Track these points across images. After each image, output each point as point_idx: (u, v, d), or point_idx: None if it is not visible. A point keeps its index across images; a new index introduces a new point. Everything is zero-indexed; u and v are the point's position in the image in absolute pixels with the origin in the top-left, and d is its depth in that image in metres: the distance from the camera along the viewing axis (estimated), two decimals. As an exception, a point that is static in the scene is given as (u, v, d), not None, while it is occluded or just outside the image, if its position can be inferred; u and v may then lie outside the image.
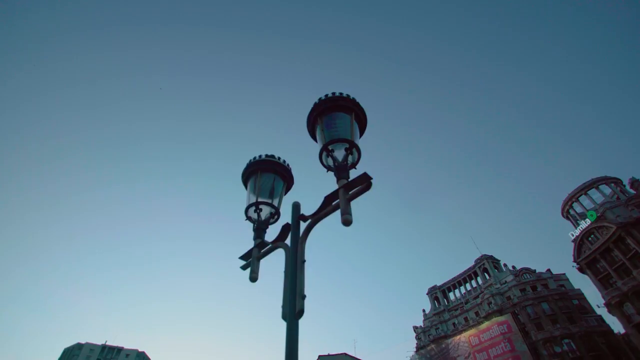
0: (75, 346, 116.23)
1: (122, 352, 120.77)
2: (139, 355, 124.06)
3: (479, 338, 66.41)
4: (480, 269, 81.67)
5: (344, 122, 3.06)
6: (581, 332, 54.81)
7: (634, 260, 45.26)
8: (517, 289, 66.69)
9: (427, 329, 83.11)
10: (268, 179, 3.52)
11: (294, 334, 2.02)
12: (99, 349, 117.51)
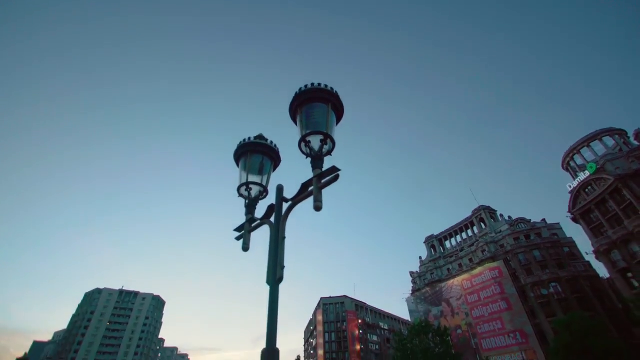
0: (95, 291, 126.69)
1: (138, 296, 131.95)
2: (154, 299, 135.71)
3: (471, 282, 71.13)
4: (477, 219, 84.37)
5: (321, 112, 3.32)
6: (568, 276, 58.23)
7: (628, 211, 46.44)
8: (511, 237, 69.48)
9: (423, 274, 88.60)
10: (257, 159, 3.84)
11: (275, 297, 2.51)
12: (117, 293, 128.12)
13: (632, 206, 45.71)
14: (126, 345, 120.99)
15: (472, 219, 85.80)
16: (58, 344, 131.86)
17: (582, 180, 52.76)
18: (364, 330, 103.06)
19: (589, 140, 54.46)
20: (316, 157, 3.29)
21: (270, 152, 3.95)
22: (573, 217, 55.42)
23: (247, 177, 3.73)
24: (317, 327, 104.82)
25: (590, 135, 54.16)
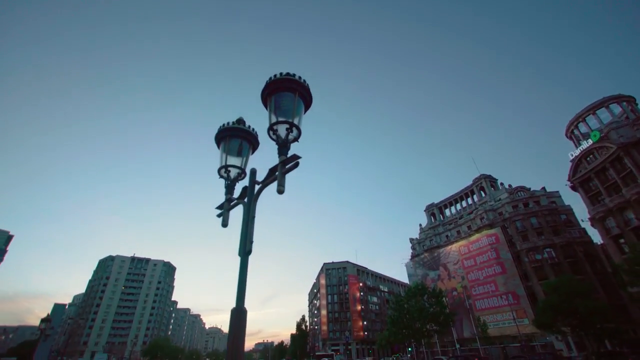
0: (108, 258, 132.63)
1: (150, 263, 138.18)
2: (164, 265, 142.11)
3: (468, 248, 73.54)
4: (478, 187, 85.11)
5: (288, 101, 3.60)
6: (563, 242, 59.88)
7: (627, 179, 46.65)
8: (510, 205, 70.54)
9: (422, 240, 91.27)
10: (236, 143, 4.20)
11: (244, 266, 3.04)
12: (129, 260, 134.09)
13: (632, 174, 45.84)
14: (141, 307, 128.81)
15: (472, 187, 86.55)
16: (78, 306, 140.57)
17: (584, 149, 52.46)
18: (365, 292, 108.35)
19: (595, 108, 53.32)
20: (282, 144, 3.58)
21: (248, 136, 4.24)
22: (572, 185, 55.76)
23: (226, 160, 4.07)
24: (321, 290, 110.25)
25: (597, 103, 52.93)
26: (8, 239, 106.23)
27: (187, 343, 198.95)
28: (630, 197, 45.22)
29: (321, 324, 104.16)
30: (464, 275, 71.89)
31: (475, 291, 68.57)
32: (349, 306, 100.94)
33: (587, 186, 53.91)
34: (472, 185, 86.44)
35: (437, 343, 70.49)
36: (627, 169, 46.31)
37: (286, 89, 3.63)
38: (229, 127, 4.15)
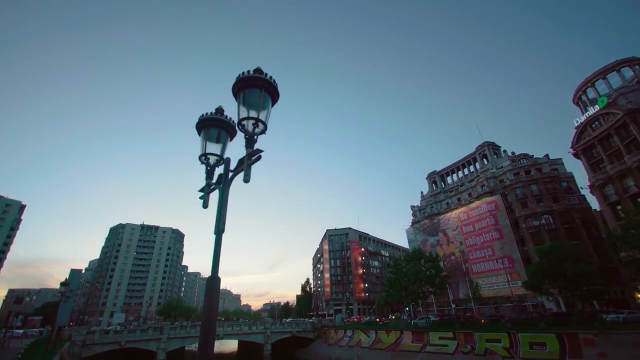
0: (119, 226, 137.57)
1: (159, 230, 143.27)
2: (173, 232, 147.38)
3: (467, 215, 74.91)
4: (480, 155, 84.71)
5: (255, 97, 3.95)
6: (561, 209, 60.69)
7: (630, 146, 46.20)
8: (512, 173, 70.62)
9: (423, 208, 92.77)
10: (215, 132, 4.59)
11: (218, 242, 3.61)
12: (139, 227, 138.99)
13: (636, 141, 45.29)
14: (154, 271, 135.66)
15: (475, 154, 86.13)
16: (94, 271, 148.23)
17: (590, 116, 51.42)
18: (366, 257, 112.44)
19: (605, 72, 51.38)
20: (249, 137, 3.90)
21: (226, 125, 4.54)
22: (575, 152, 55.35)
23: (206, 148, 4.44)
24: (324, 255, 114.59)
25: (608, 66, 50.90)
26: (21, 208, 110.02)
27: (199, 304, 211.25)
28: (631, 164, 45.10)
29: (324, 286, 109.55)
30: (462, 241, 73.94)
31: (472, 255, 70.90)
32: (350, 270, 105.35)
33: (590, 153, 53.55)
34: (475, 152, 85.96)
35: (434, 303, 74.41)
36: (632, 136, 45.69)
37: (253, 85, 3.95)
38: (208, 117, 4.54)
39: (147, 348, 41.99)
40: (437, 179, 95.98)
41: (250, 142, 3.88)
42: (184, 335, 46.25)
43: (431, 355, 34.70)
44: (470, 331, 34.16)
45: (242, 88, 3.99)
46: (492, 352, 30.69)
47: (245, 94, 3.99)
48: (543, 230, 60.79)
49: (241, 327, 55.95)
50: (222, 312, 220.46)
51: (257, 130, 3.94)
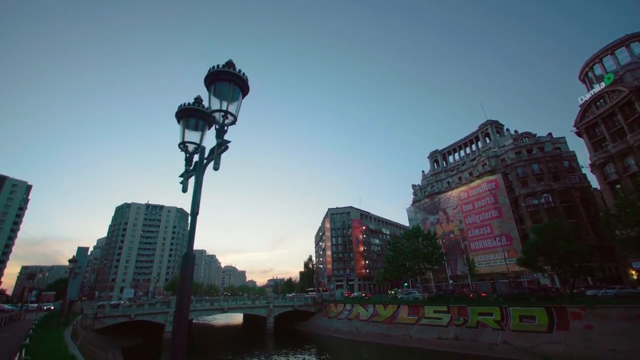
0: (124, 205, 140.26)
1: (163, 209, 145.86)
2: (178, 211, 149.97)
3: (468, 194, 75.34)
4: (483, 133, 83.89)
5: (225, 90, 4.18)
6: (561, 187, 60.80)
7: (634, 125, 45.59)
8: (513, 152, 70.21)
9: (424, 187, 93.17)
10: (193, 121, 4.82)
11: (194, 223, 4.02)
12: (144, 207, 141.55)
13: (639, 119, 44.73)
14: (160, 249, 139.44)
15: (477, 133, 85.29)
16: (102, 249, 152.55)
17: (595, 93, 50.39)
18: (367, 235, 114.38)
19: (613, 48, 49.77)
20: (219, 128, 4.14)
21: (204, 115, 4.73)
22: (577, 131, 54.74)
23: (185, 136, 4.68)
24: (326, 233, 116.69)
25: (617, 42, 49.24)
26: (28, 188, 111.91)
27: (206, 280, 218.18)
28: (633, 143, 44.70)
29: (326, 263, 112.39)
30: (461, 219, 74.84)
31: (471, 233, 72.01)
32: (352, 247, 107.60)
33: (593, 132, 52.94)
34: (478, 131, 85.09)
35: (432, 279, 76.47)
36: (636, 114, 44.98)
37: (223, 79, 4.17)
38: (186, 107, 4.81)
39: (156, 321, 44.17)
40: (438, 158, 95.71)
41: (220, 133, 4.14)
42: (190, 309, 48.34)
43: (425, 327, 36.29)
44: (464, 305, 35.50)
45: (213, 81, 4.21)
46: (484, 325, 32.05)
47: (216, 86, 4.22)
48: (542, 208, 61.23)
49: (245, 301, 58.34)
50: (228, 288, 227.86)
51: (227, 121, 4.20)
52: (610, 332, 24.93)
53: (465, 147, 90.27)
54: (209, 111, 4.27)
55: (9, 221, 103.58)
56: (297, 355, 35.25)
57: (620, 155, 47.17)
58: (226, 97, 4.19)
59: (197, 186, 4.09)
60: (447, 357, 30.13)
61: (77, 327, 27.85)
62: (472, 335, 31.59)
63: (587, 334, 25.74)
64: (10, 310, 39.24)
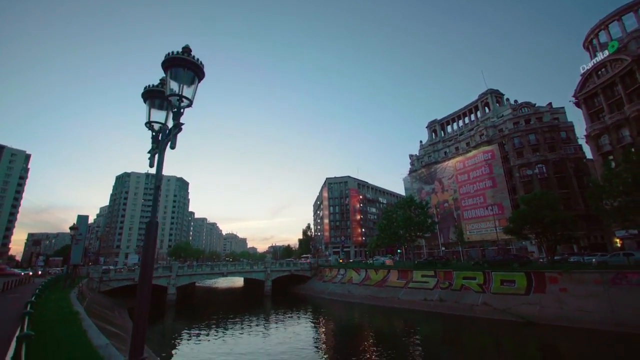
0: (124, 174, 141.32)
1: (163, 178, 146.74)
2: (178, 180, 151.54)
3: (463, 164, 75.83)
4: (482, 103, 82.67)
5: (180, 75, 4.47)
6: (556, 158, 61.21)
7: (632, 96, 45.02)
8: (511, 122, 69.69)
9: (421, 157, 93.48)
10: (159, 101, 5.13)
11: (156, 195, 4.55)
12: (144, 176, 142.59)
13: (639, 90, 44.10)
14: (162, 217, 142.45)
15: (477, 103, 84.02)
16: (105, 217, 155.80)
17: (597, 62, 49.15)
18: (364, 204, 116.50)
19: (620, 13, 47.70)
20: (176, 111, 4.47)
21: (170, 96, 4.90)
22: (576, 101, 54.06)
23: (150, 116, 5.01)
24: (324, 202, 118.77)
25: (624, 7, 47.09)
26: (27, 157, 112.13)
27: (207, 246, 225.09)
28: (630, 114, 44.46)
29: (324, 231, 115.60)
30: (456, 189, 76.04)
31: (464, 203, 73.54)
32: (349, 216, 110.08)
33: (592, 102, 52.35)
34: (477, 100, 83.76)
35: (425, 246, 79.29)
36: (636, 84, 44.27)
37: (178, 65, 4.45)
38: (152, 89, 5.10)
39: (159, 284, 46.60)
40: (437, 127, 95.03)
41: (176, 115, 4.51)
42: (191, 273, 50.98)
43: (413, 290, 38.50)
44: (450, 270, 37.43)
45: (169, 66, 4.49)
46: (467, 288, 34.04)
47: (172, 71, 4.51)
48: (535, 179, 62.02)
49: (244, 266, 61.03)
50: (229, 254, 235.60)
51: (183, 104, 4.55)
52: (582, 294, 26.67)
53: (464, 117, 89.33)
54: (166, 95, 4.56)
55: (10, 190, 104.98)
56: (293, 314, 37.71)
57: (615, 127, 47.09)
58: (182, 82, 4.50)
59: (159, 162, 4.58)
60: (431, 317, 32.37)
61: (84, 289, 29.65)
62: (456, 297, 33.68)
63: (561, 296, 27.53)
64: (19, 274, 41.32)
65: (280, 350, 23.04)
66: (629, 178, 28.96)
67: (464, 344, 24.83)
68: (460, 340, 25.78)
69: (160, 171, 4.58)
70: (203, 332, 29.11)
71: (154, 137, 5.08)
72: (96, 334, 9.12)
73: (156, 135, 5.12)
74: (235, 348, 23.71)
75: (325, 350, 23.51)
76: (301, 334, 28.17)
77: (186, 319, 36.20)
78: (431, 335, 27.24)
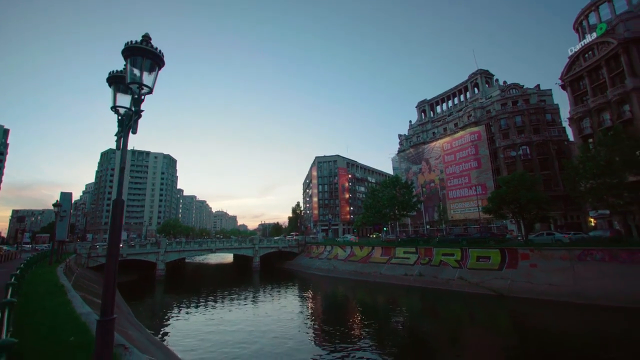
0: (110, 151, 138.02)
1: (150, 155, 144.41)
2: (165, 157, 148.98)
3: (451, 144, 76.82)
4: (472, 83, 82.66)
5: (139, 63, 4.63)
6: (540, 140, 62.57)
7: (615, 80, 45.79)
8: (499, 103, 70.27)
9: (410, 137, 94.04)
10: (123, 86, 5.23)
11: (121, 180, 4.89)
12: (130, 152, 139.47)
13: (622, 74, 44.76)
14: (150, 194, 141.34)
15: (467, 83, 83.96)
16: (92, 194, 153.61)
17: (585, 44, 49.39)
18: (353, 183, 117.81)
19: (613, -7, 47.57)
20: (136, 98, 4.65)
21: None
22: (562, 84, 54.69)
23: (116, 100, 5.16)
24: (313, 180, 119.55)
25: (615, -13, 46.91)
26: (5, 132, 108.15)
27: (197, 224, 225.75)
28: (612, 97, 45.37)
29: (313, 209, 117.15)
30: (442, 169, 77.44)
31: (450, 183, 75.22)
32: (337, 194, 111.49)
33: (577, 85, 53.03)
34: (467, 81, 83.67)
35: (410, 225, 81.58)
36: (620, 68, 44.92)
37: (137, 54, 4.60)
38: (116, 74, 5.22)
39: (148, 260, 47.34)
40: (426, 108, 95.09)
41: (137, 102, 4.72)
42: (179, 249, 51.76)
43: (395, 265, 40.21)
44: (430, 247, 39.07)
45: (128, 55, 4.64)
46: (445, 264, 35.77)
47: (132, 60, 4.65)
48: (519, 160, 63.55)
49: (232, 243, 62.12)
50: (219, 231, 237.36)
51: (143, 91, 4.74)
52: (551, 269, 28.48)
53: (453, 98, 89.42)
54: (127, 83, 4.72)
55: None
56: (280, 289, 39.13)
57: (597, 110, 48.12)
58: (141, 70, 4.67)
59: (123, 144, 4.87)
60: (411, 291, 34.12)
61: (72, 265, 30.02)
62: (434, 272, 35.43)
63: (530, 271, 29.33)
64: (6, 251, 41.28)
65: (267, 322, 24.22)
66: (601, 161, 30.19)
67: (440, 316, 26.50)
68: (437, 312, 27.49)
69: (124, 154, 4.86)
70: (192, 305, 30.19)
71: (119, 121, 5.26)
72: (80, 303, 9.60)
73: (122, 119, 5.32)
74: (223, 320, 24.79)
75: (310, 322, 24.75)
76: (287, 307, 29.49)
77: (175, 294, 37.23)
78: (410, 308, 28.88)
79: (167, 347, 17.00)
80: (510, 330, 21.77)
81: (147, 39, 4.73)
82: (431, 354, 17.33)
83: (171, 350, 16.65)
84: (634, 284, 23.66)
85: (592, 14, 51.11)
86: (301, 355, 16.69)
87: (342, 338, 19.57)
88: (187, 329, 22.57)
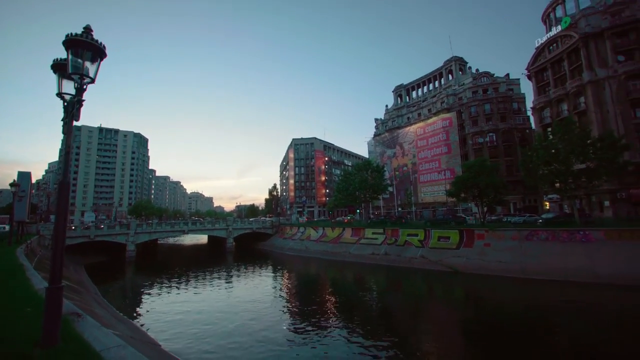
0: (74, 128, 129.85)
1: (119, 133, 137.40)
2: (135, 136, 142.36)
3: (424, 130, 79.00)
4: (446, 70, 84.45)
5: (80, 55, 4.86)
6: (506, 128, 65.85)
7: (575, 72, 48.59)
8: (471, 91, 72.64)
9: (386, 121, 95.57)
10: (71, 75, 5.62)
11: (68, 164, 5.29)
12: (97, 130, 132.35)
13: (581, 67, 47.52)
14: (120, 174, 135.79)
15: (441, 70, 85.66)
16: (56, 173, 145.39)
17: (550, 37, 51.67)
18: (330, 165, 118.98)
19: (579, -14, 49.56)
20: (78, 87, 4.96)
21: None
22: (528, 74, 57.27)
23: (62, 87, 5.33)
24: (289, 163, 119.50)
25: (580, -19, 48.89)
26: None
27: (171, 205, 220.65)
28: (570, 89, 48.29)
29: (289, 191, 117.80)
30: (415, 154, 79.89)
31: (422, 167, 77.94)
32: (314, 177, 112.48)
33: (541, 76, 55.75)
34: (442, 67, 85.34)
35: (383, 207, 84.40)
36: (579, 62, 47.61)
37: (78, 45, 4.81)
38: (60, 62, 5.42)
39: (117, 241, 46.51)
40: (402, 93, 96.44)
41: (78, 92, 5.00)
42: (150, 230, 51.12)
43: (364, 245, 42.13)
44: (397, 228, 41.12)
45: (70, 46, 4.85)
46: (409, 244, 37.96)
47: (72, 51, 4.87)
48: (485, 146, 66.82)
49: (205, 224, 61.92)
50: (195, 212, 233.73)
51: (85, 81, 5.01)
52: (502, 248, 31.09)
53: (429, 83, 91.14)
54: (69, 73, 4.95)
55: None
56: (254, 268, 40.04)
57: (557, 101, 51.15)
58: (81, 61, 4.92)
59: (67, 130, 5.22)
60: (377, 269, 36.10)
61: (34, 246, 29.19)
62: (399, 251, 37.58)
63: (484, 250, 31.88)
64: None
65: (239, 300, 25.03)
66: (552, 149, 32.66)
67: (403, 290, 28.50)
68: (400, 288, 29.49)
69: (68, 139, 5.21)
70: (164, 286, 30.44)
71: (65, 107, 5.52)
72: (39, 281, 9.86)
73: (67, 107, 5.57)
74: (193, 300, 25.34)
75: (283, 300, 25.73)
76: (260, 286, 30.49)
77: (146, 275, 37.19)
78: (376, 284, 30.76)
79: (134, 324, 17.46)
80: (462, 302, 24.04)
81: (89, 31, 4.97)
82: (395, 325, 18.89)
83: (138, 327, 17.15)
84: (570, 260, 26.53)
85: (559, 6, 53.17)
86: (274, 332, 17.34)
87: (312, 314, 20.77)
88: (157, 310, 22.76)
